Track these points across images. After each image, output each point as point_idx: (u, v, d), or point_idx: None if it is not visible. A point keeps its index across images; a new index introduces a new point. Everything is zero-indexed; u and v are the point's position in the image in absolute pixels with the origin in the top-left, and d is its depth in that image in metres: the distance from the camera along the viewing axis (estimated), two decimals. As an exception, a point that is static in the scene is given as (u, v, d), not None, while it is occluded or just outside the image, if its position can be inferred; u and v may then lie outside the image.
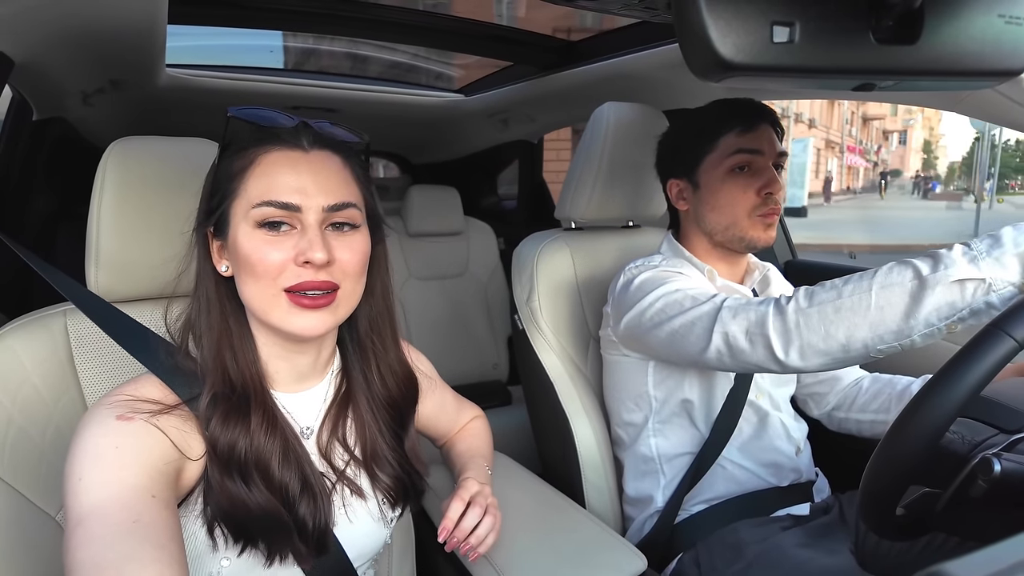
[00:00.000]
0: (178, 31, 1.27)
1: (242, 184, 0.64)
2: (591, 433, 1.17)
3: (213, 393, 0.63)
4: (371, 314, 0.76)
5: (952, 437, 0.66)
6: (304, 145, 0.65)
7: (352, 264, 0.65)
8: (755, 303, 0.83)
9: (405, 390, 0.80)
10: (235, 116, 0.64)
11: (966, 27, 0.43)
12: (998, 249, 0.67)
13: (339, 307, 0.65)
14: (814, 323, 0.75)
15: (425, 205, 2.17)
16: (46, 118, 1.46)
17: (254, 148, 0.65)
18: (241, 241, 0.63)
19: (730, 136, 1.03)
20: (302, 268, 0.62)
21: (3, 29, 0.88)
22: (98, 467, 0.55)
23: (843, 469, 1.10)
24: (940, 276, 0.68)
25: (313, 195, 0.63)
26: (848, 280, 0.75)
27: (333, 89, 1.85)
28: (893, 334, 0.71)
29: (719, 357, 0.85)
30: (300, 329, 0.63)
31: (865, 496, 0.66)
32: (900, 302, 0.70)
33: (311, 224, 0.62)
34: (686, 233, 1.13)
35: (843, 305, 0.74)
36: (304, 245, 0.61)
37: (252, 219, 0.62)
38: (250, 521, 0.62)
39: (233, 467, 0.62)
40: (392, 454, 0.77)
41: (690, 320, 0.89)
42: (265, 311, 0.63)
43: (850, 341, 0.74)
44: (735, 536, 0.98)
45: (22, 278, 1.43)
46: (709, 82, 0.44)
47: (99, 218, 0.76)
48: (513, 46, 1.66)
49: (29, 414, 0.71)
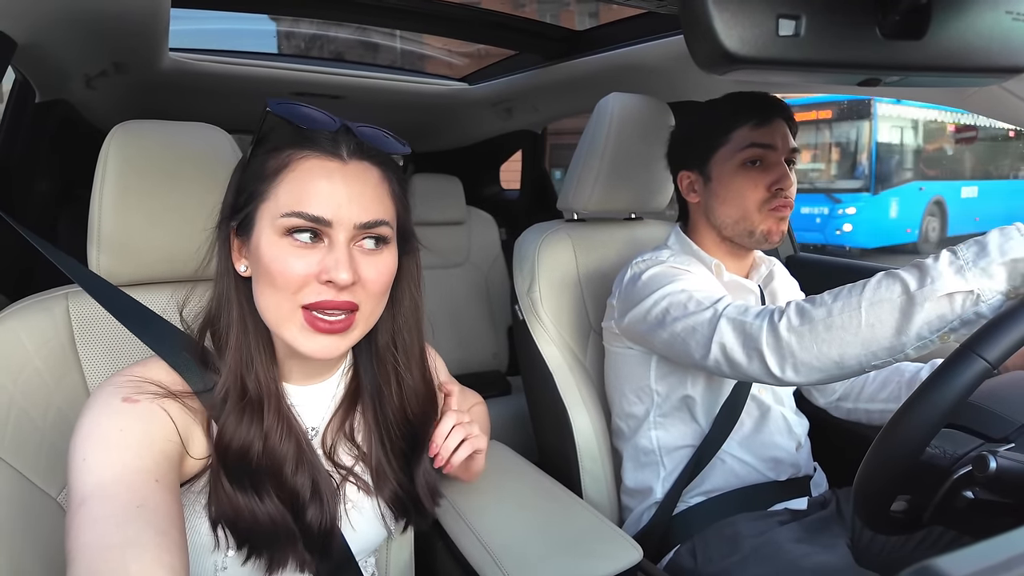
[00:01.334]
0: (181, 15, 1.26)
1: (273, 188, 0.60)
2: (589, 424, 1.17)
3: (228, 388, 0.62)
4: (394, 328, 0.72)
5: (934, 452, 0.66)
6: (343, 155, 0.61)
7: (376, 284, 0.62)
8: (752, 314, 0.83)
9: (424, 412, 0.76)
10: (274, 112, 0.59)
11: (973, 23, 0.43)
12: (984, 259, 0.67)
13: (354, 330, 0.63)
14: (806, 342, 0.76)
15: (427, 194, 2.17)
16: (49, 100, 1.46)
17: (289, 151, 0.61)
18: (264, 247, 0.60)
19: (744, 129, 1.02)
20: (324, 286, 0.59)
21: (6, 9, 0.88)
22: (102, 448, 0.54)
23: (841, 463, 1.10)
24: (927, 291, 0.68)
25: (347, 211, 0.59)
26: (837, 296, 0.75)
27: (337, 75, 1.84)
28: (886, 350, 0.72)
29: (718, 366, 0.86)
30: (311, 351, 0.61)
31: (859, 495, 0.67)
32: (890, 319, 0.70)
33: (340, 242, 0.59)
34: (695, 226, 1.13)
35: (834, 323, 0.74)
36: (330, 263, 0.58)
37: (279, 227, 0.59)
38: (256, 529, 0.61)
39: (244, 475, 0.61)
40: (396, 463, 0.74)
41: (691, 326, 0.89)
42: (279, 324, 0.61)
43: (843, 359, 0.74)
44: (732, 529, 0.99)
45: (24, 260, 1.43)
46: (714, 75, 0.44)
47: (101, 201, 0.76)
48: (519, 34, 1.65)
49: (31, 396, 0.72)
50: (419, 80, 2.03)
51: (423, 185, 2.18)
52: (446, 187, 2.22)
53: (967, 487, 0.64)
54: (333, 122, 0.61)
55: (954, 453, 0.66)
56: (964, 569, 0.27)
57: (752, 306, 0.85)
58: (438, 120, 2.35)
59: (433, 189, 2.20)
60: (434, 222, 2.19)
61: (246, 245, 0.63)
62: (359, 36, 2.15)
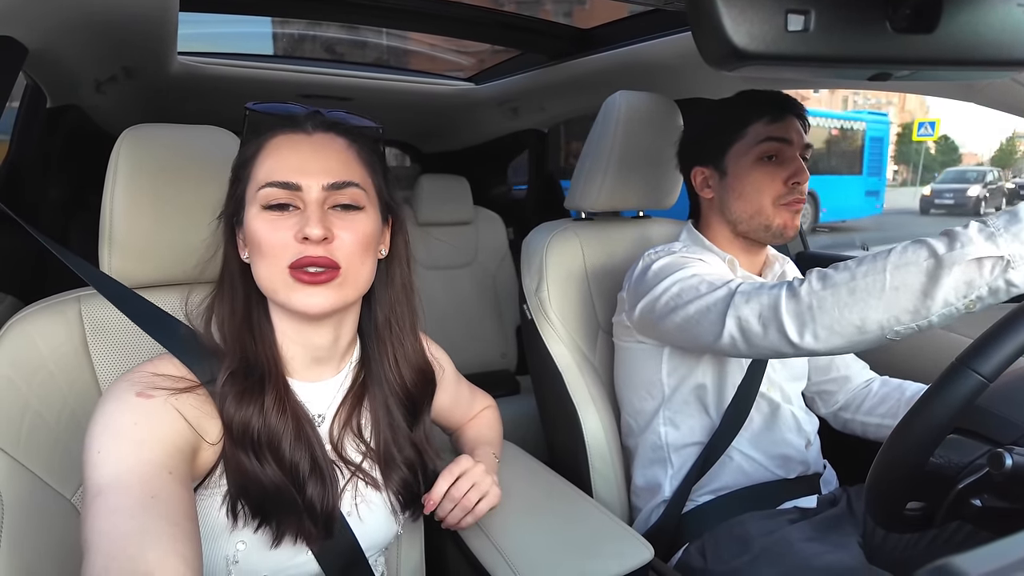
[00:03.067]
0: (188, 19, 1.27)
1: (252, 169, 0.66)
2: (599, 423, 1.17)
3: (230, 373, 0.65)
4: (390, 304, 0.77)
5: (939, 462, 0.65)
6: (308, 129, 0.67)
7: (352, 244, 0.65)
8: (768, 286, 0.82)
9: (421, 381, 0.81)
10: (251, 109, 0.68)
11: (984, 16, 0.43)
12: (1016, 224, 0.65)
13: (344, 285, 0.66)
14: (828, 305, 0.74)
15: (435, 194, 2.17)
16: (60, 106, 1.47)
17: (264, 135, 0.67)
18: (250, 223, 0.65)
19: (759, 124, 1.02)
20: (302, 244, 0.63)
21: (18, 17, 0.89)
22: (117, 441, 0.56)
23: (852, 461, 1.09)
24: (957, 255, 0.66)
25: (313, 174, 0.64)
26: (861, 261, 0.74)
27: (344, 77, 1.85)
28: (910, 315, 0.70)
29: (733, 343, 0.84)
30: (304, 306, 0.64)
31: (870, 498, 0.67)
32: (916, 282, 0.69)
33: (311, 201, 0.64)
34: (708, 222, 1.12)
35: (857, 287, 0.72)
36: (302, 222, 0.63)
37: (259, 201, 0.64)
38: (265, 498, 0.64)
39: (247, 444, 0.64)
40: (405, 446, 0.77)
41: (704, 306, 0.88)
42: (274, 290, 0.65)
43: (865, 323, 0.72)
44: (742, 528, 0.98)
45: (37, 264, 1.45)
46: (722, 71, 0.43)
47: (112, 204, 0.77)
48: (525, 34, 1.65)
49: (45, 398, 0.73)
50: (425, 81, 2.04)
51: (430, 185, 2.18)
52: (453, 187, 2.23)
53: (975, 495, 0.63)
54: (304, 110, 0.69)
55: (959, 462, 0.65)
56: (982, 567, 0.27)
57: (767, 282, 0.84)
58: (445, 120, 2.36)
59: (440, 189, 2.20)
60: (442, 222, 2.19)
61: (242, 230, 0.68)
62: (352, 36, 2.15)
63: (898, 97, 41.88)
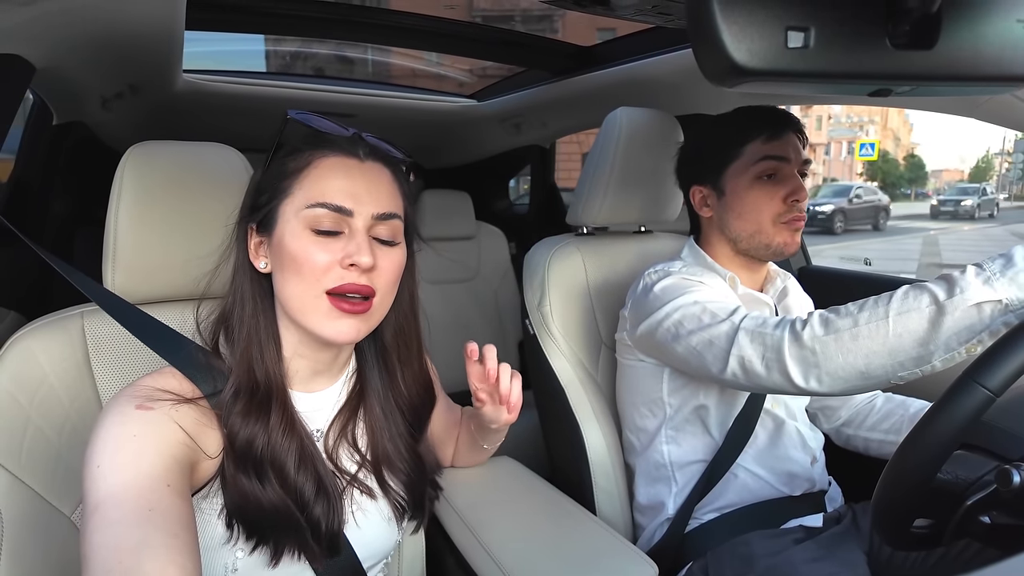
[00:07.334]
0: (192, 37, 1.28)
1: (295, 184, 0.66)
2: (601, 439, 1.16)
3: (236, 387, 0.65)
4: (398, 323, 0.78)
5: (946, 478, 0.65)
6: (360, 155, 0.68)
7: (389, 274, 0.67)
8: (771, 325, 0.82)
9: (425, 394, 0.84)
10: (294, 118, 0.67)
11: (984, 32, 0.43)
12: (1011, 269, 0.67)
13: (372, 316, 0.67)
14: (831, 351, 0.75)
15: (437, 209, 2.18)
16: (65, 122, 1.48)
17: (311, 151, 0.67)
18: (288, 240, 0.64)
19: (756, 143, 1.02)
20: (346, 271, 0.64)
21: (25, 35, 0.90)
22: (115, 453, 0.56)
23: (858, 477, 1.08)
24: (957, 300, 0.68)
25: (365, 202, 0.65)
26: (863, 306, 0.75)
27: (348, 94, 1.86)
28: (913, 360, 0.71)
29: (735, 380, 0.85)
30: (335, 335, 0.65)
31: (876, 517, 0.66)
32: (919, 328, 0.70)
33: (359, 229, 0.65)
34: (708, 239, 1.12)
35: (860, 333, 0.73)
36: (352, 249, 0.63)
37: (303, 219, 0.64)
38: (262, 518, 0.64)
39: (249, 463, 0.64)
40: (406, 454, 0.78)
41: (707, 339, 0.88)
42: (304, 312, 0.65)
43: (869, 368, 0.73)
44: (746, 548, 0.97)
45: (42, 280, 1.45)
46: (723, 87, 0.44)
47: (117, 221, 0.77)
48: (526, 51, 1.66)
49: (46, 414, 0.72)
50: (428, 98, 2.05)
51: (433, 201, 2.19)
52: (456, 202, 2.23)
53: (983, 512, 0.63)
54: (346, 129, 0.69)
55: (967, 478, 0.65)
56: None
57: (769, 317, 0.84)
58: (448, 137, 2.37)
59: (443, 205, 2.21)
60: (444, 237, 2.20)
61: (266, 242, 0.67)
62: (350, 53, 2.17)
63: (880, 115, 42.89)
